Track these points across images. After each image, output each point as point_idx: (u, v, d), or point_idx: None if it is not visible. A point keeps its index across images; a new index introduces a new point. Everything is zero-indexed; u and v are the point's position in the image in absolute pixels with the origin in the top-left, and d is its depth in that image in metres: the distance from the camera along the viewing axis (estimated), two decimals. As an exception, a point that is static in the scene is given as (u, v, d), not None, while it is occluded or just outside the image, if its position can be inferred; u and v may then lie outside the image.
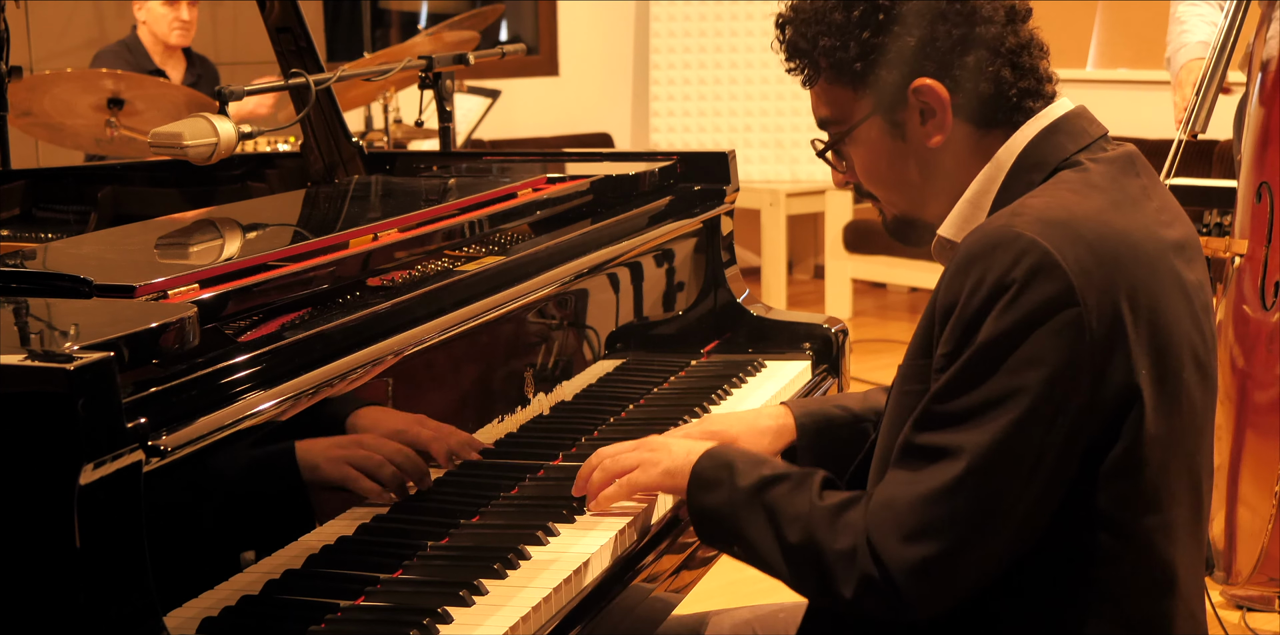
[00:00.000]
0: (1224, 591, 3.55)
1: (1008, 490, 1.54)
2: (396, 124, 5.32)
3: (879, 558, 1.56)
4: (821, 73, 1.72)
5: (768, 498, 1.67)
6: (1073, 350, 1.53)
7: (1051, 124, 1.69)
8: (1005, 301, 1.53)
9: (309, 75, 2.48)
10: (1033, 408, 1.52)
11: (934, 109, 1.67)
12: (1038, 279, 1.52)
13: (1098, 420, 1.56)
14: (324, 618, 1.61)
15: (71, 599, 1.32)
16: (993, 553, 1.56)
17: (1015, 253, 1.53)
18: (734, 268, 2.80)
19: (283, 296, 1.77)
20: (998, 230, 1.57)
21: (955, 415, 1.55)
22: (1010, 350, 1.53)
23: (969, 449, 1.54)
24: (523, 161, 3.09)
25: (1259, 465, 3.30)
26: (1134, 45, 6.91)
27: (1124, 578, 1.60)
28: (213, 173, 2.80)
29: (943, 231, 1.73)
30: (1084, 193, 1.63)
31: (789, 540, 1.63)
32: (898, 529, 1.56)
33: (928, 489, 1.55)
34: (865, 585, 1.57)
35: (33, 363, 1.30)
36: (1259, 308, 3.30)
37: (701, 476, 1.74)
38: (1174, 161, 3.44)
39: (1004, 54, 1.67)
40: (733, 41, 7.63)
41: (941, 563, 1.55)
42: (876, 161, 1.73)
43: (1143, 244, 1.60)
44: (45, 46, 5.98)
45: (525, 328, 2.19)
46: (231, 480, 1.59)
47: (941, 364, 1.57)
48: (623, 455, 1.86)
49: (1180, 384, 1.61)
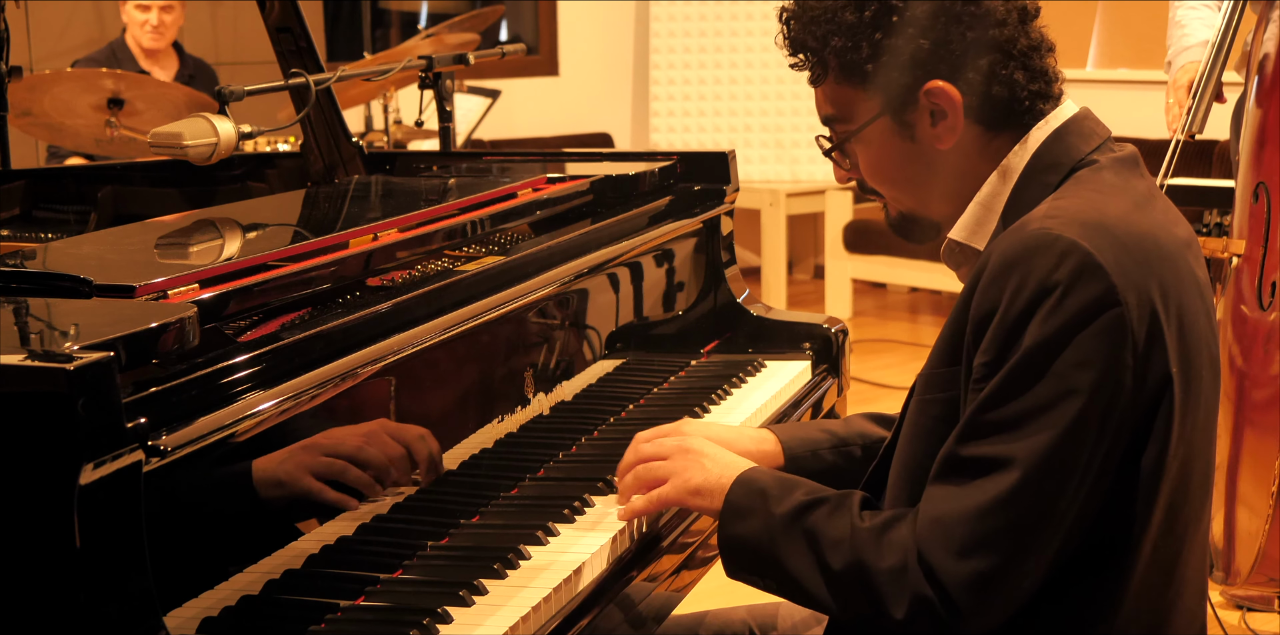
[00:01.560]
0: (1224, 591, 3.55)
1: (1061, 497, 1.52)
2: (397, 124, 5.32)
3: (933, 575, 1.53)
4: (830, 72, 1.70)
5: (806, 523, 1.63)
6: (1117, 351, 1.51)
7: (1062, 126, 1.68)
8: (1050, 305, 1.51)
9: (309, 75, 2.48)
10: (1084, 411, 1.51)
11: (945, 111, 1.66)
12: (1082, 281, 1.51)
13: (1138, 419, 1.55)
14: (324, 618, 1.61)
15: (71, 599, 1.32)
16: (1044, 561, 1.54)
17: (1057, 255, 1.52)
18: (734, 268, 2.80)
19: (283, 296, 1.77)
20: (1035, 234, 1.55)
21: (1003, 424, 1.53)
22: (1057, 354, 1.50)
23: (1021, 458, 1.51)
24: (523, 161, 3.09)
25: (1257, 464, 3.30)
26: (1134, 45, 6.91)
27: (1135, 573, 1.59)
28: (213, 173, 2.80)
29: (954, 235, 1.71)
30: (1108, 193, 1.62)
31: (832, 566, 1.60)
32: (949, 544, 1.53)
33: (978, 502, 1.52)
34: (918, 605, 1.54)
35: (33, 363, 1.30)
36: (1256, 307, 3.30)
37: (735, 505, 1.70)
38: (1172, 161, 3.44)
39: (1017, 56, 1.66)
40: (733, 41, 7.63)
41: (999, 575, 1.52)
42: (883, 161, 1.72)
43: (1165, 244, 1.60)
44: (45, 46, 5.98)
45: (525, 328, 2.19)
46: (231, 480, 1.59)
47: (983, 373, 1.55)
48: (657, 466, 1.82)
49: (1200, 383, 1.60)
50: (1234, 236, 3.38)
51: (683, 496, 1.78)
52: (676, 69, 7.70)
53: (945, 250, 1.73)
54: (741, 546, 1.68)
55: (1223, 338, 3.42)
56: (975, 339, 1.56)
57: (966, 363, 1.58)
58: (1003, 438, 1.52)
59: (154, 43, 5.53)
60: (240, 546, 1.60)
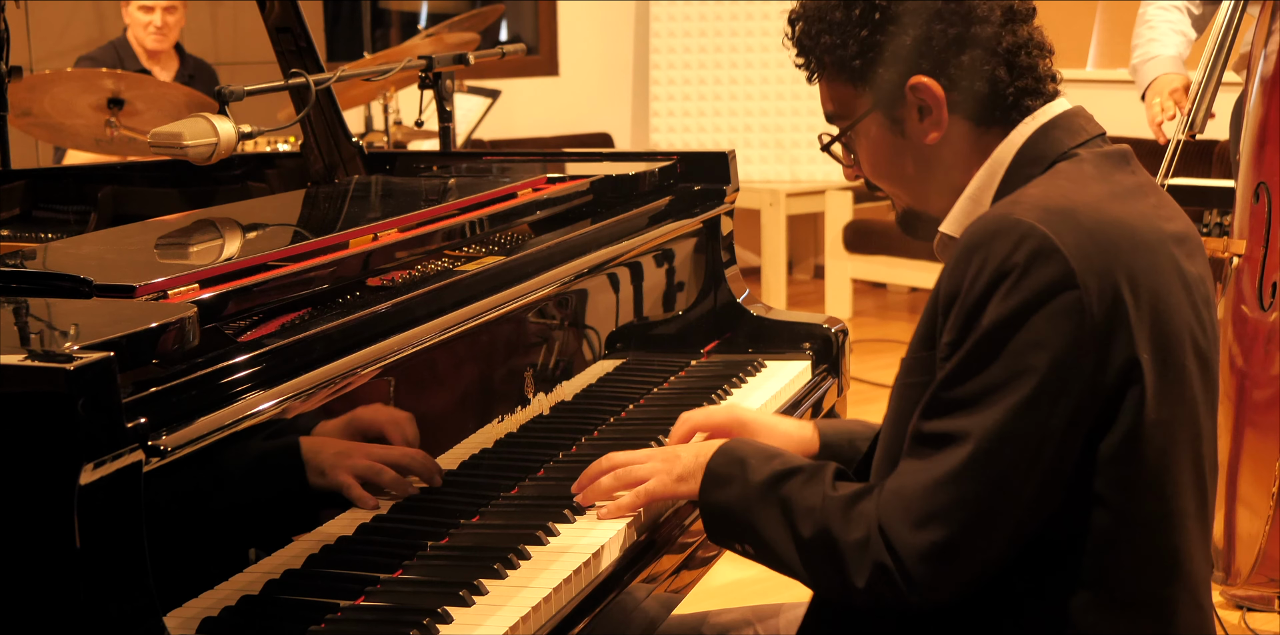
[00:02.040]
0: (1224, 591, 3.55)
1: (1014, 474, 1.56)
2: (397, 125, 5.32)
3: (891, 545, 1.58)
4: (825, 69, 1.76)
5: (781, 492, 1.68)
6: (1074, 333, 1.55)
7: (1049, 121, 1.71)
8: (1007, 287, 1.55)
9: (309, 75, 2.48)
10: (1036, 390, 1.54)
11: (930, 106, 1.70)
12: (1037, 263, 1.55)
13: (1099, 403, 1.57)
14: (324, 618, 1.61)
15: (71, 599, 1.32)
16: (1000, 537, 1.58)
17: (1015, 239, 1.56)
18: (734, 268, 2.80)
19: (283, 296, 1.77)
20: (996, 218, 1.60)
21: (960, 401, 1.57)
22: (1013, 334, 1.55)
23: (975, 433, 1.56)
24: (523, 161, 3.09)
25: (1257, 465, 3.30)
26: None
27: (1124, 563, 1.61)
28: (213, 173, 2.80)
29: (944, 228, 1.75)
30: (1082, 182, 1.66)
31: (803, 533, 1.65)
32: (907, 515, 1.57)
33: (935, 475, 1.57)
34: (878, 574, 1.58)
35: (33, 363, 1.30)
36: (1257, 308, 3.30)
37: (715, 473, 1.75)
38: (1172, 161, 3.44)
39: (1000, 54, 1.70)
40: (733, 41, 7.62)
41: (950, 548, 1.56)
42: (878, 156, 1.77)
43: (1141, 232, 1.63)
44: (45, 46, 5.98)
45: (525, 328, 2.19)
46: (231, 480, 1.59)
47: (946, 352, 1.59)
48: (636, 467, 1.86)
49: (1182, 372, 1.63)
50: (1234, 236, 3.38)
51: (668, 486, 1.82)
52: (676, 69, 7.70)
53: (938, 244, 1.77)
54: (721, 512, 1.75)
55: (1223, 338, 3.42)
56: (943, 320, 1.61)
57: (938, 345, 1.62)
58: (960, 414, 1.57)
59: (156, 44, 5.54)
60: (240, 546, 1.61)
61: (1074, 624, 1.61)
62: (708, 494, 1.76)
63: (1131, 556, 1.62)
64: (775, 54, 7.55)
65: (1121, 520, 1.60)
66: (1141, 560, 1.62)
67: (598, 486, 1.88)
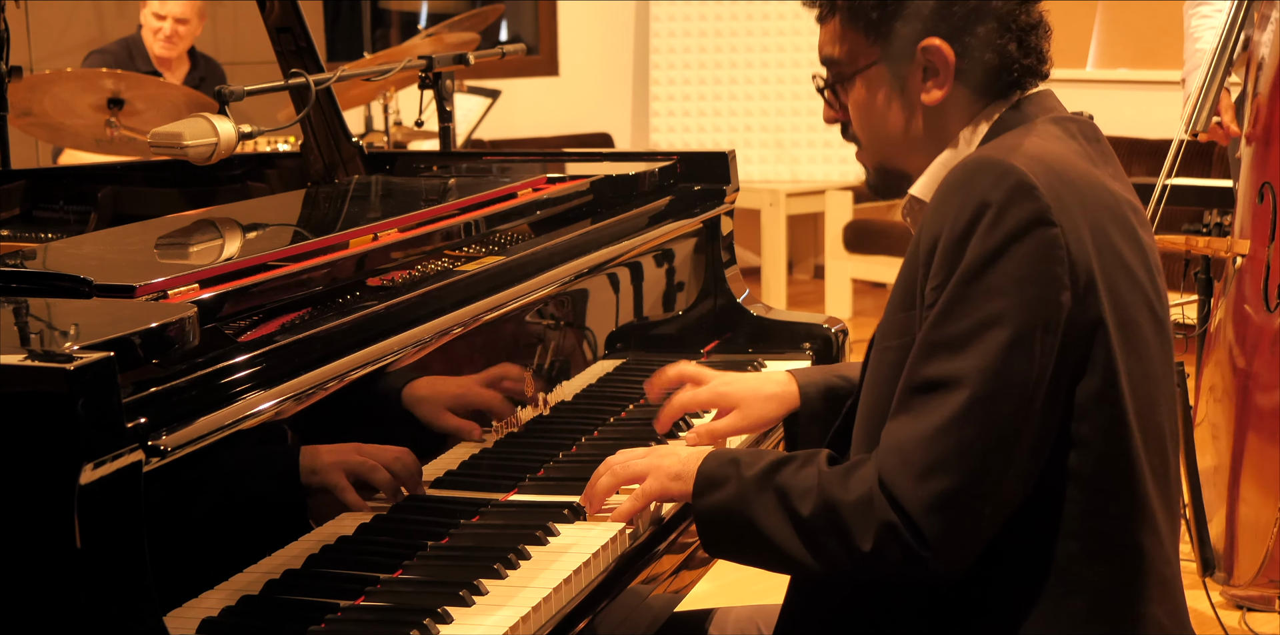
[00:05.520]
0: (1224, 591, 3.55)
1: (1013, 413, 1.56)
2: (397, 126, 5.32)
3: (895, 501, 1.56)
4: (837, 12, 1.78)
5: (777, 480, 1.67)
6: (1055, 267, 1.57)
7: (1025, 97, 1.76)
8: (988, 221, 1.57)
9: (309, 75, 2.48)
10: (1023, 326, 1.55)
11: (938, 69, 1.73)
12: (1016, 200, 1.57)
13: (1080, 346, 1.59)
14: (324, 618, 1.61)
15: (71, 599, 1.32)
16: (1007, 483, 1.57)
17: (994, 176, 1.59)
18: (734, 268, 2.80)
19: (283, 296, 1.77)
20: (974, 160, 1.63)
21: (950, 342, 1.57)
22: (994, 268, 1.56)
23: (969, 376, 1.55)
24: (523, 161, 3.09)
25: (1261, 470, 3.30)
26: (1134, 45, 6.91)
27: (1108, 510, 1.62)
28: (213, 173, 2.80)
29: (914, 191, 1.78)
30: (1050, 140, 1.69)
31: (802, 513, 1.62)
32: (909, 469, 1.56)
33: (933, 423, 1.56)
34: (885, 533, 1.56)
35: (33, 363, 1.30)
36: (1261, 310, 3.29)
37: (709, 476, 1.74)
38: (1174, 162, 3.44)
39: (1014, 30, 1.73)
40: (733, 41, 7.63)
41: (958, 496, 1.55)
42: (870, 106, 1.78)
43: (1103, 191, 1.67)
44: (45, 46, 5.98)
45: (525, 328, 2.19)
46: (231, 480, 1.59)
47: (932, 298, 1.60)
48: (633, 462, 1.86)
49: (1137, 329, 1.65)
50: (1236, 237, 3.38)
51: (664, 484, 1.81)
52: (676, 69, 7.70)
53: (906, 206, 1.79)
54: (716, 515, 1.72)
55: (1224, 338, 3.42)
56: (925, 271, 1.61)
57: (920, 298, 1.63)
58: (950, 356, 1.57)
59: (164, 51, 5.59)
60: (240, 546, 1.60)
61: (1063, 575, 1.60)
62: (702, 498, 1.73)
63: (1113, 504, 1.62)
64: (775, 54, 7.56)
65: (1100, 467, 1.61)
66: (1113, 500, 1.62)
67: (595, 489, 1.87)
